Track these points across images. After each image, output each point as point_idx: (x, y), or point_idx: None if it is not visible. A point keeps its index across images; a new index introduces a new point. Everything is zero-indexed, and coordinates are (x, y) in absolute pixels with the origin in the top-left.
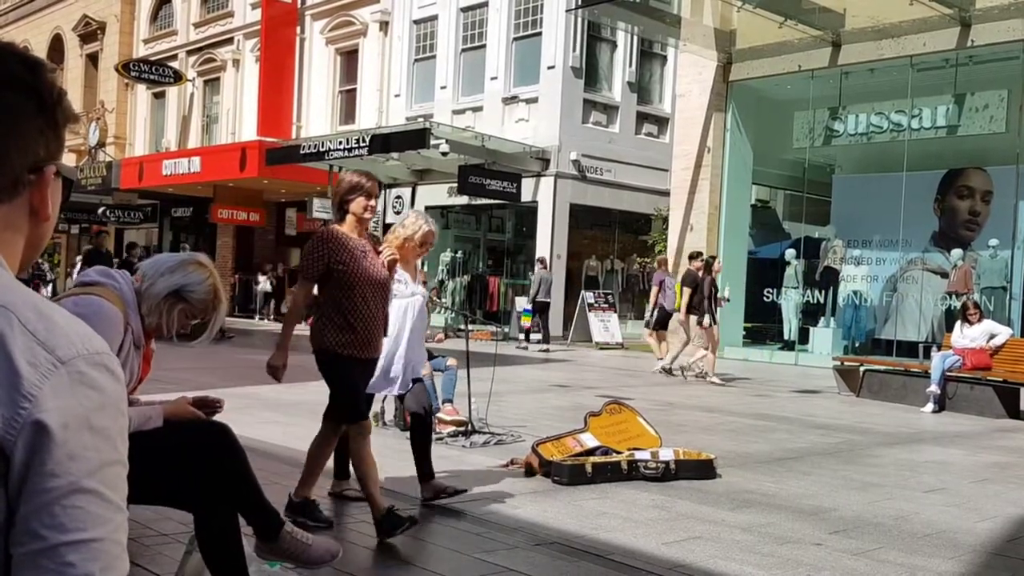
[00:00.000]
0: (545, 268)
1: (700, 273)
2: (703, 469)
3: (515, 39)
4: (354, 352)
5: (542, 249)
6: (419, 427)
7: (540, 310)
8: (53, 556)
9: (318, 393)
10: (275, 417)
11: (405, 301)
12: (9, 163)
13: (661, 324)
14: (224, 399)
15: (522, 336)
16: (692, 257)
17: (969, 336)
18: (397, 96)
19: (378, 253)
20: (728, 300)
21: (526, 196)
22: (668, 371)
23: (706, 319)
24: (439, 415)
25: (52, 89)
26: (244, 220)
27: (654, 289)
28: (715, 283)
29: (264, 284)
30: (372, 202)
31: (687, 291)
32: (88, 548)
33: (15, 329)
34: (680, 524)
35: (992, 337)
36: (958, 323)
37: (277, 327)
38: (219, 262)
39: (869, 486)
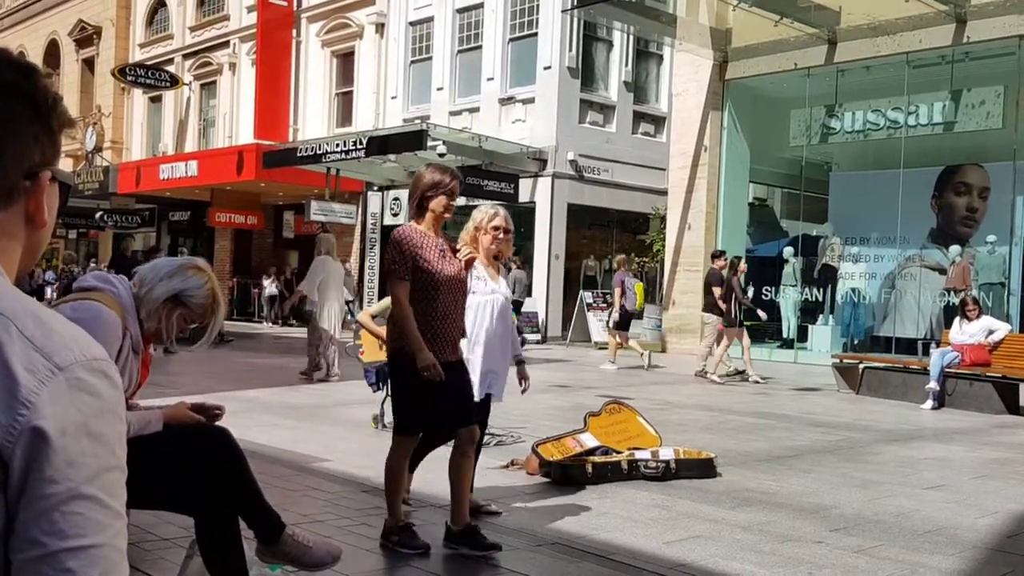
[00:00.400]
0: (520, 268)
1: (725, 272)
2: (703, 468)
3: (511, 40)
4: (435, 355)
5: (540, 249)
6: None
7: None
8: (53, 563)
9: (316, 396)
10: (275, 420)
11: (484, 299)
12: (4, 170)
13: (622, 325)
14: (224, 404)
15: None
16: (715, 256)
17: (968, 332)
18: (394, 98)
19: (455, 252)
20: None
21: (524, 197)
22: (704, 374)
23: (722, 319)
24: None
25: (47, 95)
26: (242, 223)
27: (616, 290)
28: (740, 283)
29: (270, 287)
30: (453, 201)
31: (716, 290)
32: (88, 554)
33: (13, 336)
34: (681, 523)
35: (991, 333)
36: (957, 319)
37: (283, 332)
38: (217, 266)
39: (869, 483)
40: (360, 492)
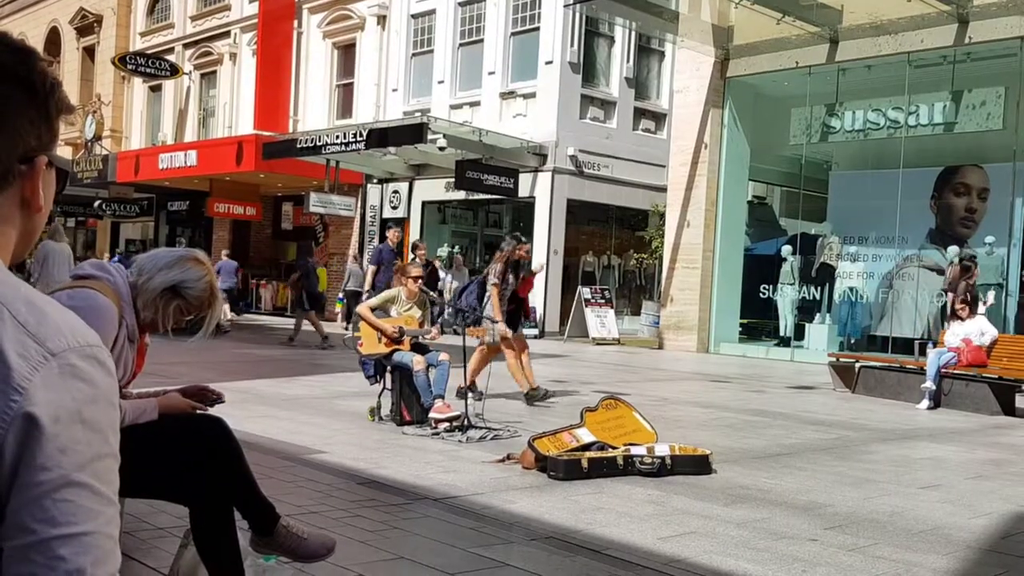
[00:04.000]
0: (356, 262)
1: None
2: (699, 464)
3: (513, 34)
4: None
5: (540, 246)
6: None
7: (349, 297)
8: (44, 550)
9: (313, 388)
10: (270, 411)
11: None
12: None
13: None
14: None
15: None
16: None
17: (958, 333)
18: (395, 90)
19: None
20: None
21: (523, 191)
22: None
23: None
24: (431, 413)
25: (45, 79)
26: (240, 214)
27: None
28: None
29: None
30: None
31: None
32: (79, 542)
33: (6, 321)
34: (675, 519)
35: (983, 334)
36: (948, 321)
37: (281, 322)
38: (215, 256)
39: (864, 482)
40: (356, 484)
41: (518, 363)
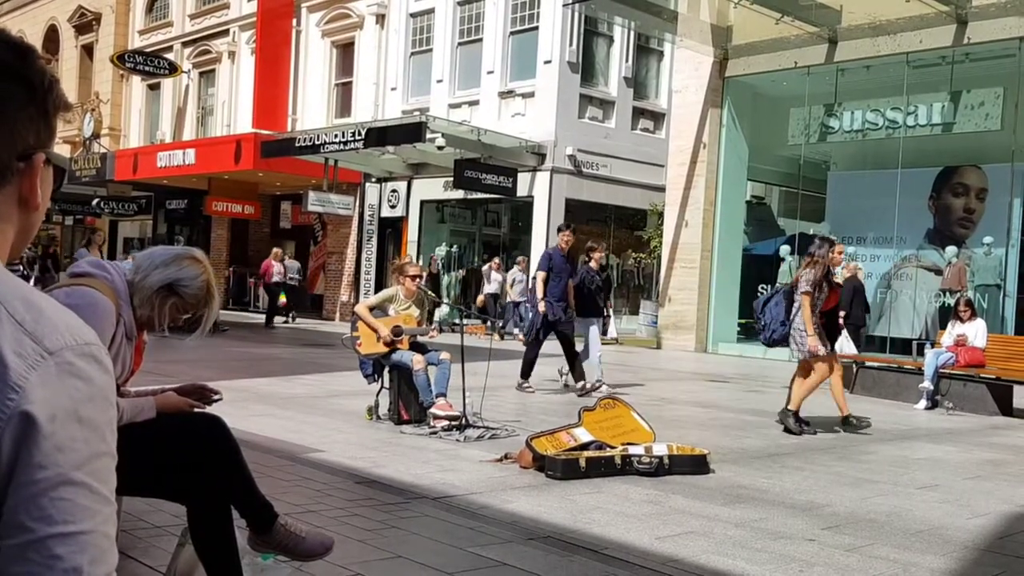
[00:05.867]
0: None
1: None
2: (696, 464)
3: (512, 33)
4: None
5: (537, 244)
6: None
7: (288, 291)
8: (41, 549)
9: (311, 387)
10: (268, 410)
11: None
12: None
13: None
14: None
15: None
16: None
17: (957, 334)
18: (393, 89)
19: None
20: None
21: (522, 191)
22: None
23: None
24: (432, 410)
25: (43, 76)
26: (239, 213)
27: None
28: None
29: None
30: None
31: None
32: (76, 540)
33: (3, 319)
34: (673, 519)
35: (977, 336)
36: (951, 321)
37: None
38: (213, 255)
39: (862, 482)
40: (353, 483)
41: (806, 385)
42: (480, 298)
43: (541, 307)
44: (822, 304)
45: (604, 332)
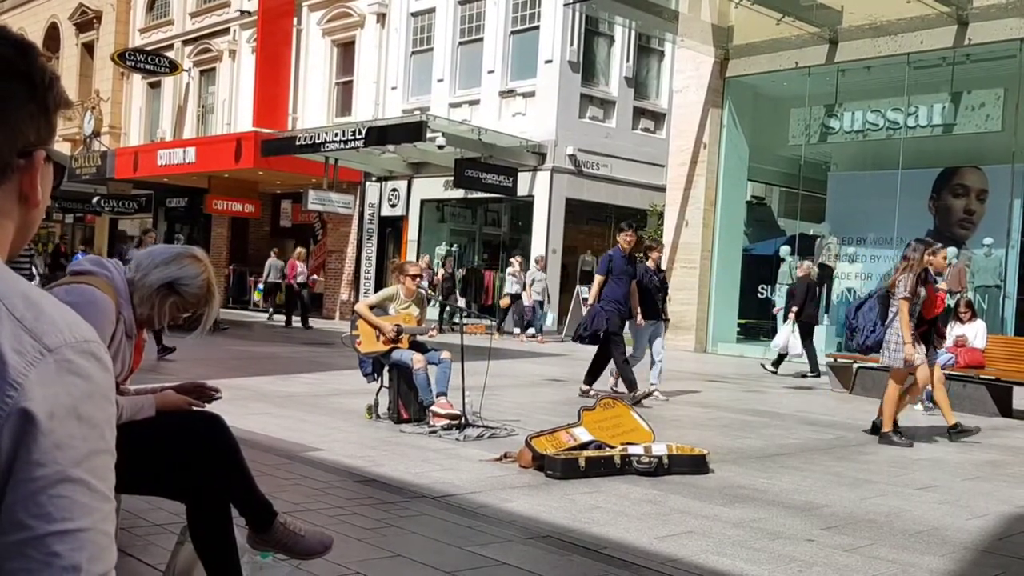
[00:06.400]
0: (274, 256)
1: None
2: (696, 464)
3: (512, 33)
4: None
5: (538, 243)
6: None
7: (269, 291)
8: (39, 546)
9: (311, 386)
10: (267, 408)
11: None
12: None
13: None
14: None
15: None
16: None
17: (957, 334)
18: (394, 88)
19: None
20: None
21: (522, 190)
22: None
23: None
24: (433, 408)
25: (44, 73)
26: (239, 211)
27: None
28: None
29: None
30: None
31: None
32: (75, 538)
33: (2, 317)
34: (672, 519)
35: (976, 337)
36: (951, 322)
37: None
38: (214, 253)
39: (861, 482)
40: (353, 482)
41: (900, 397)
42: (504, 299)
43: (586, 310)
44: (919, 310)
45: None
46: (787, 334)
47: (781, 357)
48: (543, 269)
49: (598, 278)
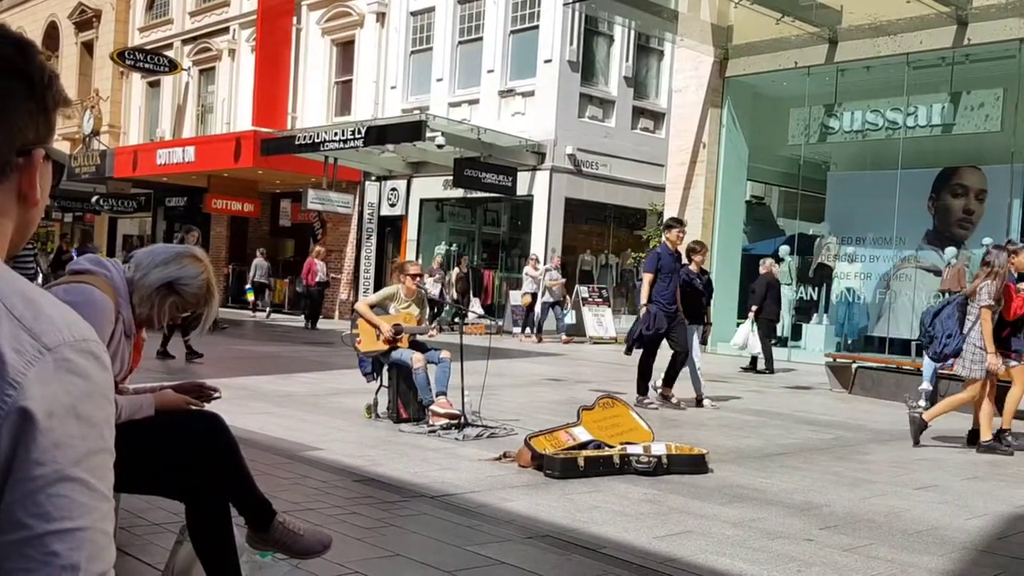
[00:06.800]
0: (260, 257)
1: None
2: (695, 464)
3: (512, 32)
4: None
5: (537, 243)
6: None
7: (258, 290)
8: (38, 545)
9: (310, 385)
10: (267, 408)
11: None
12: None
13: None
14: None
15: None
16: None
17: None
18: (393, 88)
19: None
20: None
21: (521, 190)
22: None
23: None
24: (432, 408)
25: (43, 72)
26: (238, 211)
27: None
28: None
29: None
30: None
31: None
32: (74, 537)
33: (1, 316)
34: (671, 518)
35: None
36: None
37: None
38: (213, 253)
39: (860, 482)
40: (352, 481)
41: (991, 407)
42: (525, 298)
43: (643, 311)
44: (998, 314)
45: (704, 341)
46: (746, 332)
47: (754, 358)
48: (558, 268)
49: (647, 276)
